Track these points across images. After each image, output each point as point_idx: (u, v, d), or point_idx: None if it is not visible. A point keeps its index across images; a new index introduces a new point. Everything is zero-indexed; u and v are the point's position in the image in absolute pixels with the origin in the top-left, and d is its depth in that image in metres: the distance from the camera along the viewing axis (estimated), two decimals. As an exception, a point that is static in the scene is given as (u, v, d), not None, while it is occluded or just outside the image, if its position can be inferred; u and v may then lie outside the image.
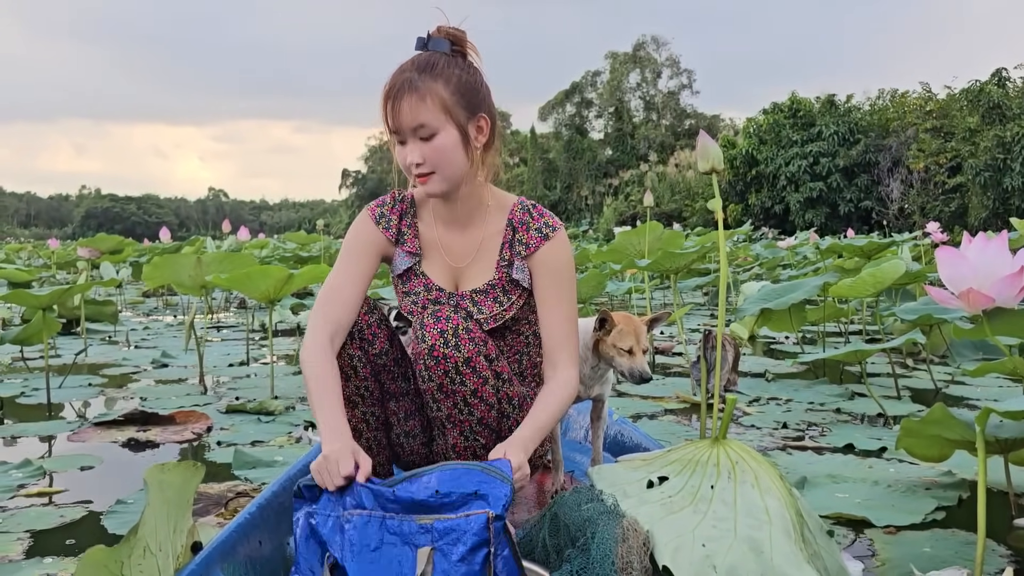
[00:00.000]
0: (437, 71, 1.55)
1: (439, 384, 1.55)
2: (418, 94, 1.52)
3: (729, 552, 1.22)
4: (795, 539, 1.28)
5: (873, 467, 2.46)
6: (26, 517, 2.11)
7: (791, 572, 1.19)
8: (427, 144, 1.54)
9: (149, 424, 3.16)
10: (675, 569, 1.20)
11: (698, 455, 1.47)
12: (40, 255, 17.46)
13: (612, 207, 38.07)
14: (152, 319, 8.14)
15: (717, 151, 1.67)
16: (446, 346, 1.53)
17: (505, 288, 1.68)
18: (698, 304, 9.13)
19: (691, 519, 1.30)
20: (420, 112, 1.52)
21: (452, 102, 1.54)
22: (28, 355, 5.09)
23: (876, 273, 3.69)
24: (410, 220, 1.73)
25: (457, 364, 1.54)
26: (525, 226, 1.67)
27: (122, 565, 1.21)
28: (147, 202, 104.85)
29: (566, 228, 2.32)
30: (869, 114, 29.41)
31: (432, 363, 1.53)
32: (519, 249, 1.67)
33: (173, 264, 4.08)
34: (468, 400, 1.57)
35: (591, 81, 50.90)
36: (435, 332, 1.53)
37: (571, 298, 1.68)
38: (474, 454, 1.61)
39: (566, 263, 1.68)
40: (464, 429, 1.59)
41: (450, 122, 1.55)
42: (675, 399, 3.64)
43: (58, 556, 1.85)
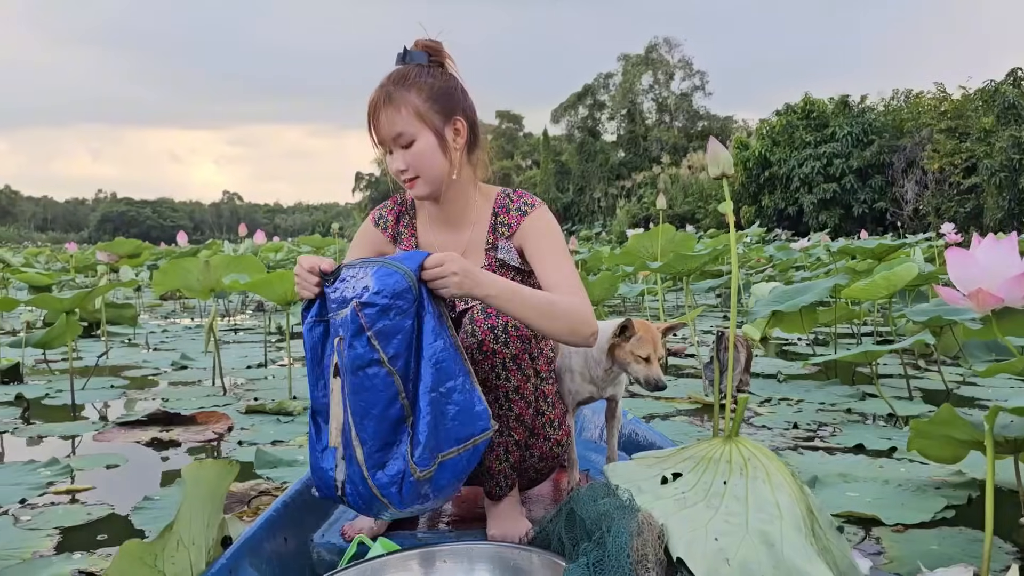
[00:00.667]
0: (410, 82, 1.61)
1: (483, 379, 1.60)
2: (393, 105, 1.59)
3: (741, 545, 1.25)
4: (806, 533, 1.31)
5: (884, 467, 2.49)
6: (55, 514, 2.17)
7: (802, 564, 1.23)
8: (408, 151, 1.61)
9: (172, 424, 3.22)
10: (689, 561, 1.23)
11: (711, 452, 1.51)
12: (59, 259, 17.64)
13: (625, 209, 38.05)
14: (170, 322, 8.24)
15: (727, 156, 1.70)
16: (496, 342, 1.60)
17: (498, 270, 1.72)
18: (711, 306, 9.14)
19: (704, 514, 1.34)
20: (396, 121, 1.59)
21: (425, 108, 1.60)
22: (51, 358, 5.18)
23: (889, 275, 3.71)
24: (408, 221, 1.81)
25: (505, 360, 1.61)
26: (505, 208, 1.73)
27: (156, 557, 1.27)
28: (162, 206, 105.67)
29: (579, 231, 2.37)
30: (883, 115, 29.30)
31: (480, 358, 1.60)
32: (502, 231, 1.72)
33: (181, 269, 4.15)
34: (510, 396, 1.63)
35: (603, 83, 50.92)
36: (486, 327, 1.60)
37: (567, 255, 1.70)
38: (506, 449, 1.67)
39: (552, 228, 1.71)
40: (501, 424, 1.65)
41: (425, 128, 1.61)
42: (688, 400, 3.67)
43: (87, 552, 1.91)
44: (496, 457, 1.67)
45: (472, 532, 1.79)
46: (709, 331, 6.61)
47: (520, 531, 1.65)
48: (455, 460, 1.42)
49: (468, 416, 1.44)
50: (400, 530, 1.79)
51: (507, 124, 74.23)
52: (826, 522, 1.46)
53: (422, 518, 1.91)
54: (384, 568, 1.40)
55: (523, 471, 1.76)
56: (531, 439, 1.71)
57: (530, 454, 1.73)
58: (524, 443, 1.69)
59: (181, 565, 1.29)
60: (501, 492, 1.72)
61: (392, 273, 1.41)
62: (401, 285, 1.40)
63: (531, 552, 1.41)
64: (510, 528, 1.68)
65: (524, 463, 1.74)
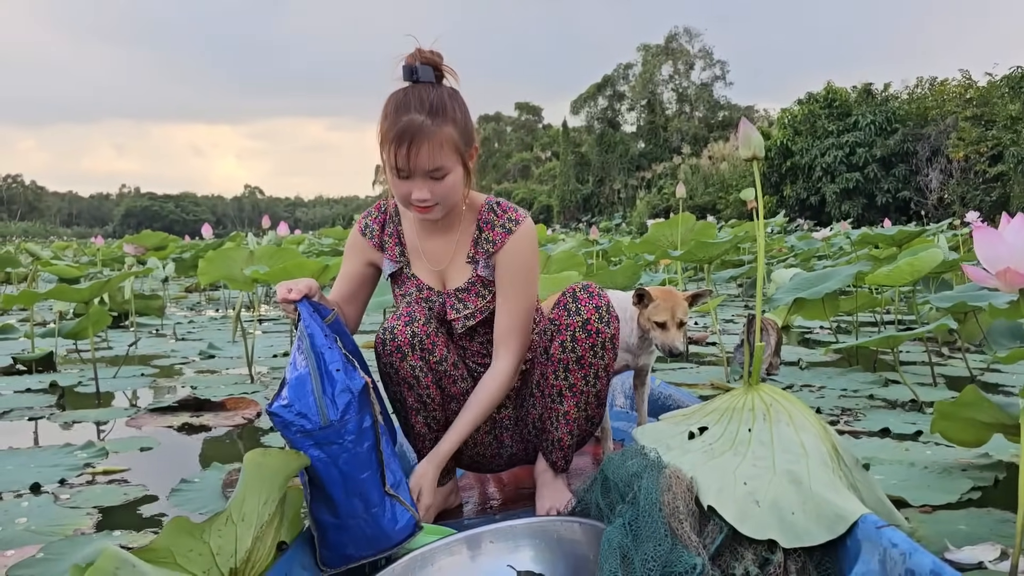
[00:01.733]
0: (447, 114, 1.59)
1: (579, 356, 1.67)
2: (435, 140, 1.56)
3: (770, 486, 1.28)
4: (833, 468, 1.33)
5: (909, 450, 2.50)
6: (93, 494, 2.23)
7: (831, 497, 1.25)
8: (438, 183, 1.61)
9: (202, 410, 3.28)
10: (720, 508, 1.26)
11: (734, 403, 1.54)
12: (85, 252, 17.88)
13: (645, 200, 37.90)
14: (195, 313, 8.34)
15: (759, 138, 1.72)
16: (600, 321, 1.66)
17: (484, 283, 1.78)
18: (732, 295, 9.13)
19: (732, 461, 1.37)
20: (437, 156, 1.58)
21: (459, 142, 1.61)
22: (82, 348, 5.28)
23: (914, 261, 3.69)
24: (392, 229, 1.84)
25: (604, 340, 1.67)
26: (490, 224, 1.76)
27: (203, 531, 1.31)
28: (185, 200, 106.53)
29: (598, 222, 2.41)
30: (907, 103, 28.95)
31: (583, 335, 1.66)
32: (487, 247, 1.75)
33: (226, 259, 4.21)
34: (599, 374, 1.70)
35: (623, 74, 50.69)
36: (591, 307, 1.66)
37: (525, 292, 1.76)
38: (579, 424, 1.74)
39: (526, 258, 1.76)
40: (580, 400, 1.71)
41: (458, 162, 1.63)
42: (710, 386, 3.68)
43: (126, 530, 1.96)
44: (569, 432, 1.74)
45: (517, 513, 1.83)
46: (731, 320, 6.61)
47: (565, 500, 1.71)
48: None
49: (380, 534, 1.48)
50: (447, 519, 1.83)
51: (526, 116, 74.20)
52: (851, 460, 1.47)
53: (467, 505, 1.95)
54: (433, 556, 1.43)
55: (582, 441, 1.85)
56: (597, 410, 1.79)
57: (592, 424, 1.81)
58: (592, 416, 1.78)
59: (227, 538, 1.32)
60: (566, 466, 1.80)
61: (307, 395, 1.45)
62: (309, 411, 1.44)
63: (574, 521, 1.44)
64: (557, 499, 1.75)
65: (586, 433, 1.82)
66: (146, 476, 2.42)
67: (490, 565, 1.43)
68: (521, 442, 1.88)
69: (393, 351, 1.70)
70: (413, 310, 1.73)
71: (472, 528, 1.50)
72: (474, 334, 1.82)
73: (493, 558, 1.44)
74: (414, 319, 1.71)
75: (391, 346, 1.70)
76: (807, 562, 1.20)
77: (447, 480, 1.87)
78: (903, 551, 1.08)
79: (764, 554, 1.20)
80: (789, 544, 1.20)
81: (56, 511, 2.08)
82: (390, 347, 1.70)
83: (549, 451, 1.78)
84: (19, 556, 1.78)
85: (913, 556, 1.07)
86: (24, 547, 1.83)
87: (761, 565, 1.18)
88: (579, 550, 1.41)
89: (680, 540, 1.19)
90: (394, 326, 1.70)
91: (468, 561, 1.45)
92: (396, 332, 1.70)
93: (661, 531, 1.18)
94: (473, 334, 1.82)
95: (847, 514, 1.21)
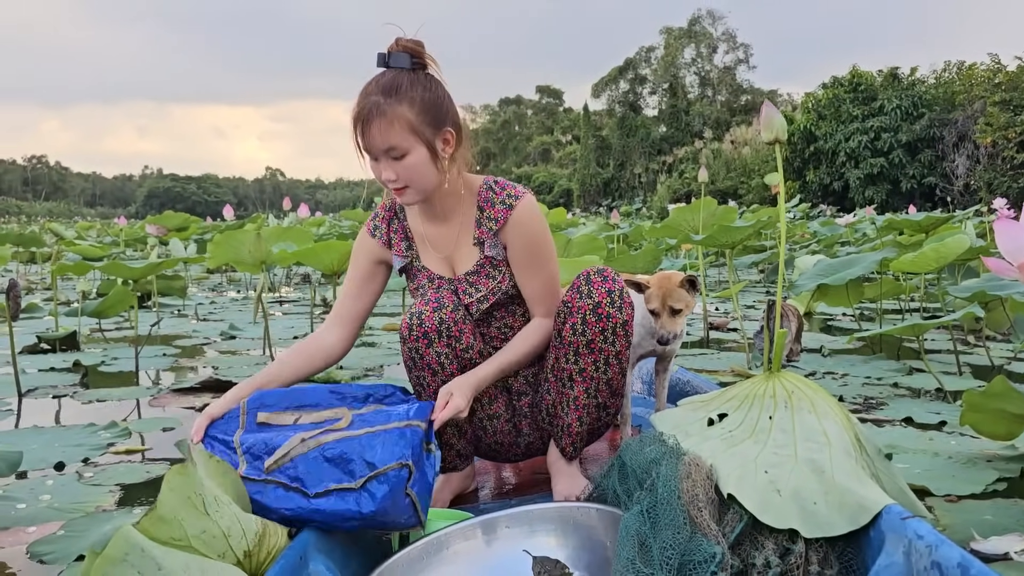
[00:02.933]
0: (401, 93, 1.58)
1: (589, 340, 1.65)
2: (386, 119, 1.57)
3: (791, 475, 1.25)
4: (856, 458, 1.30)
5: (933, 439, 2.47)
6: (116, 472, 2.26)
7: (854, 487, 1.22)
8: (399, 163, 1.61)
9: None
10: (740, 496, 1.24)
11: (754, 389, 1.51)
12: (108, 233, 18.05)
13: (666, 185, 37.69)
14: (217, 294, 8.40)
15: (781, 121, 1.68)
16: (611, 306, 1.64)
17: (493, 263, 1.76)
18: (754, 281, 9.06)
19: (752, 449, 1.34)
20: (389, 136, 1.59)
21: (418, 122, 1.60)
22: (105, 327, 5.33)
23: (939, 248, 3.64)
24: (397, 225, 1.85)
25: (616, 325, 1.65)
26: (490, 202, 1.74)
27: (204, 503, 1.28)
28: (206, 182, 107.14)
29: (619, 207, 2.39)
30: (934, 87, 28.51)
31: (593, 319, 1.64)
32: (490, 226, 1.74)
33: (234, 241, 4.23)
34: (609, 360, 1.68)
35: (645, 57, 50.29)
36: (603, 291, 1.64)
37: (544, 261, 1.76)
38: (588, 412, 1.73)
39: (535, 229, 1.74)
40: (590, 386, 1.70)
41: (418, 141, 1.61)
42: (731, 373, 3.66)
43: (147, 507, 1.97)
44: (579, 418, 1.73)
45: (532, 497, 1.82)
46: (752, 306, 6.56)
47: (579, 487, 1.69)
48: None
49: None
50: (463, 503, 1.83)
51: (547, 99, 73.80)
52: (874, 450, 1.44)
53: (482, 490, 1.95)
54: (449, 540, 1.42)
55: (595, 430, 1.83)
56: (611, 399, 1.77)
57: (606, 412, 1.79)
58: (604, 403, 1.75)
59: (229, 519, 1.32)
60: (575, 453, 1.79)
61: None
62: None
63: (589, 507, 1.43)
64: (573, 486, 1.73)
65: (599, 421, 1.80)
66: (168, 455, 2.44)
67: (506, 550, 1.42)
68: (538, 431, 1.86)
69: (420, 336, 1.68)
70: (441, 295, 1.71)
71: (488, 513, 1.49)
72: (491, 319, 1.81)
73: (509, 543, 1.43)
74: (442, 305, 1.69)
75: (418, 331, 1.68)
76: (829, 553, 1.18)
77: (464, 465, 1.86)
78: (929, 543, 1.06)
79: (785, 544, 1.18)
80: (810, 534, 1.18)
81: (79, 489, 2.11)
82: (416, 332, 1.68)
83: (559, 437, 1.77)
84: (40, 533, 1.80)
85: (940, 548, 1.04)
86: (46, 524, 1.85)
87: (782, 555, 1.16)
88: (595, 536, 1.40)
89: (699, 528, 1.17)
90: (422, 311, 1.68)
91: (483, 546, 1.44)
92: (424, 318, 1.68)
93: (680, 519, 1.16)
94: (490, 319, 1.81)
95: (871, 504, 1.19)
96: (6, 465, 1.87)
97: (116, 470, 2.28)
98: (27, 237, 9.17)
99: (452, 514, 1.61)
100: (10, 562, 1.66)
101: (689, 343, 4.62)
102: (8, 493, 2.07)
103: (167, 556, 1.23)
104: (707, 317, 5.04)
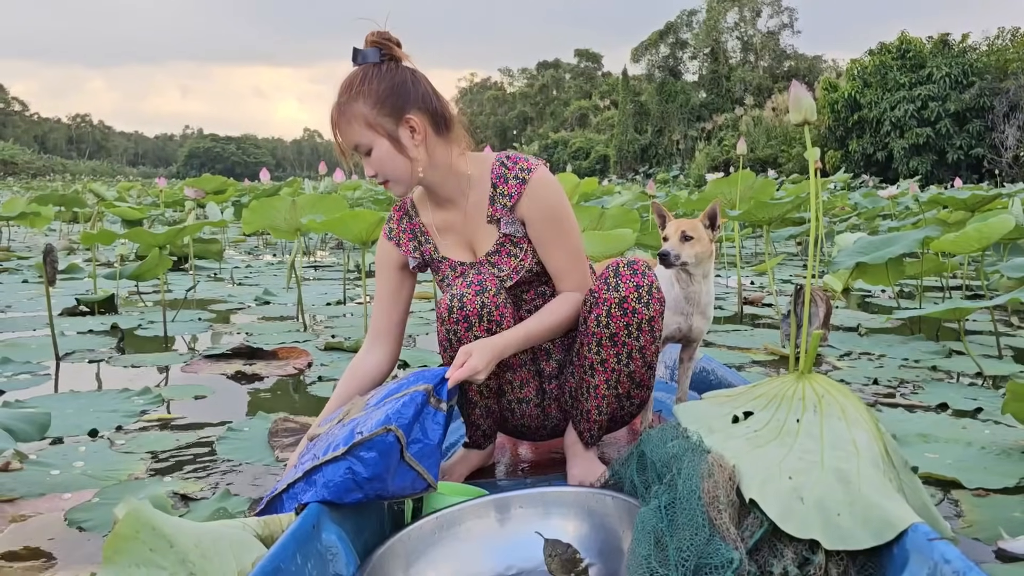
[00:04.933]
0: (355, 90, 1.61)
1: (613, 333, 1.63)
2: (344, 119, 1.62)
3: (817, 483, 1.22)
4: (884, 470, 1.27)
5: (967, 428, 2.41)
6: (147, 440, 2.30)
7: (881, 501, 1.19)
8: (369, 159, 1.65)
9: (255, 359, 3.35)
10: (762, 502, 1.21)
11: (783, 389, 1.47)
12: (149, 194, 18.31)
13: (704, 152, 37.14)
14: (253, 258, 8.49)
15: (810, 102, 1.63)
16: (638, 301, 1.61)
17: (513, 240, 1.73)
18: (791, 254, 8.92)
19: (777, 452, 1.31)
20: (349, 135, 1.64)
21: (373, 116, 1.61)
22: (143, 290, 5.42)
23: (982, 228, 3.54)
24: (407, 222, 1.84)
25: (641, 321, 1.62)
26: (503, 178, 1.72)
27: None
28: (246, 142, 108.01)
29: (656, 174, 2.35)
30: (986, 55, 27.60)
31: (619, 313, 1.61)
32: (504, 202, 1.71)
33: (269, 208, 4.25)
34: (632, 354, 1.66)
35: (687, 21, 49.30)
36: (631, 285, 1.61)
37: (565, 234, 1.73)
38: (608, 402, 1.72)
39: (553, 202, 1.71)
40: (611, 377, 1.68)
41: (377, 135, 1.62)
42: (764, 351, 3.61)
43: (177, 475, 2.01)
44: (598, 407, 1.72)
45: (548, 478, 1.82)
46: (788, 280, 6.46)
47: (596, 474, 1.68)
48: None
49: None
50: (478, 478, 1.83)
51: (585, 63, 72.89)
52: (900, 462, 1.41)
53: (499, 466, 1.95)
54: (461, 517, 1.43)
55: (618, 419, 1.81)
56: (634, 390, 1.75)
57: (630, 403, 1.78)
58: (627, 394, 1.74)
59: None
60: (593, 440, 1.77)
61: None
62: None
63: (605, 495, 1.42)
64: (588, 472, 1.72)
65: (621, 411, 1.79)
66: (198, 423, 2.48)
67: (517, 530, 1.42)
68: (564, 413, 1.86)
69: (460, 320, 1.65)
70: (484, 278, 1.68)
71: (503, 491, 1.49)
72: (520, 301, 1.79)
73: (521, 524, 1.43)
74: (485, 289, 1.66)
75: (458, 315, 1.65)
76: (849, 566, 1.15)
77: (488, 444, 1.87)
78: (956, 569, 1.02)
79: (805, 553, 1.15)
80: (832, 546, 1.15)
81: (111, 456, 2.15)
82: (457, 315, 1.65)
83: (578, 421, 1.76)
84: (76, 500, 1.84)
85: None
86: (81, 491, 1.90)
87: (800, 565, 1.14)
88: (609, 524, 1.39)
89: (718, 531, 1.15)
90: (463, 294, 1.65)
91: (496, 524, 1.45)
92: (465, 301, 1.65)
93: (699, 519, 1.14)
94: (519, 301, 1.79)
95: (896, 521, 1.15)
96: (35, 428, 1.90)
97: (147, 438, 2.32)
98: (69, 198, 9.32)
99: (467, 490, 1.62)
100: (50, 529, 1.70)
101: (722, 318, 4.57)
102: (42, 458, 2.12)
103: (178, 534, 1.25)
104: (741, 291, 4.97)
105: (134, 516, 1.18)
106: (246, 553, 1.25)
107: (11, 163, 63.33)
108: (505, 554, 1.40)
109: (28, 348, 3.54)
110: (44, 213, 8.41)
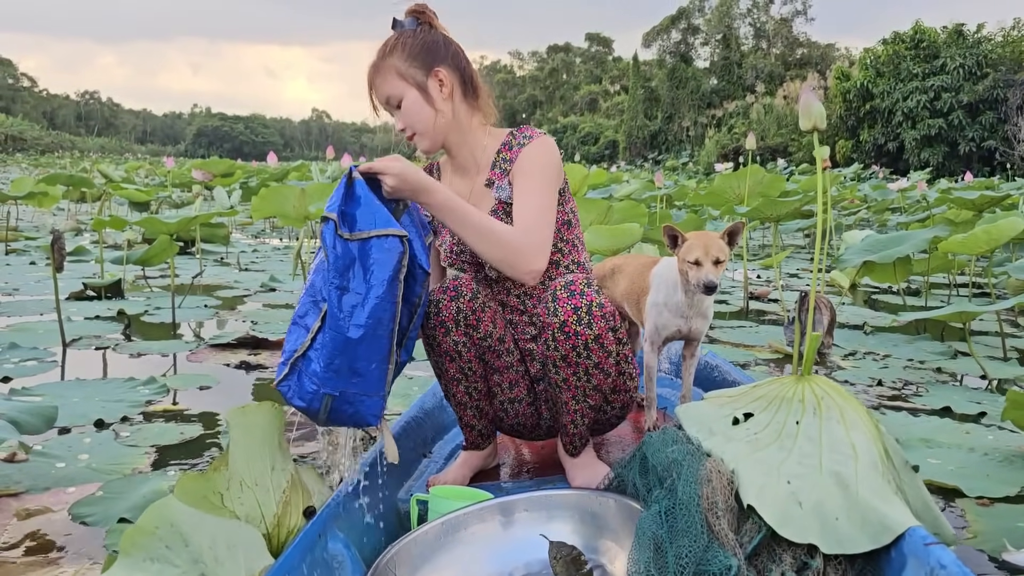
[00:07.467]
0: (389, 48, 1.69)
1: (563, 355, 1.61)
2: (380, 74, 1.69)
3: (815, 488, 1.23)
4: (883, 472, 1.27)
5: (970, 432, 2.41)
6: (151, 432, 2.31)
7: (878, 505, 1.20)
8: (400, 111, 1.69)
9: (259, 348, 3.36)
10: (760, 508, 1.22)
11: (783, 391, 1.48)
12: (157, 174, 18.32)
13: (714, 139, 36.91)
14: (260, 242, 8.50)
15: (820, 109, 1.63)
16: (579, 323, 1.58)
17: (507, 208, 1.72)
18: (799, 247, 8.89)
19: (776, 456, 1.32)
20: (383, 87, 1.69)
21: (405, 67, 1.67)
22: (150, 274, 5.43)
23: (991, 229, 3.52)
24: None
25: (587, 341, 1.59)
26: (508, 146, 1.74)
27: (222, 497, 1.33)
28: (254, 122, 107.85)
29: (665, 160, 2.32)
30: (1001, 46, 27.26)
31: (562, 337, 1.59)
32: (504, 167, 1.73)
33: (278, 196, 4.25)
34: (590, 371, 1.64)
35: (699, 6, 48.91)
36: (568, 308, 1.58)
37: (542, 188, 1.66)
38: (582, 414, 1.71)
39: (540, 159, 1.70)
40: (577, 394, 1.67)
41: (408, 84, 1.67)
42: (768, 349, 3.61)
43: (181, 469, 2.03)
44: (572, 421, 1.71)
45: (552, 480, 1.83)
46: (795, 274, 6.44)
47: (598, 476, 1.68)
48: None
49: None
50: (482, 480, 1.84)
51: (596, 47, 72.48)
52: (900, 462, 1.41)
53: (503, 467, 1.96)
54: (466, 521, 1.43)
55: (602, 423, 1.82)
56: (610, 395, 1.76)
57: (610, 407, 1.79)
58: (599, 406, 1.74)
59: (249, 504, 1.35)
60: (576, 450, 1.78)
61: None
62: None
63: (608, 497, 1.43)
64: (589, 476, 1.73)
65: (603, 417, 1.80)
66: (202, 414, 2.49)
67: (522, 533, 1.43)
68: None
69: (436, 325, 1.67)
70: (460, 283, 1.69)
71: (508, 493, 1.50)
72: (509, 286, 1.79)
73: (526, 527, 1.44)
74: (460, 294, 1.67)
75: (435, 320, 1.67)
76: (848, 570, 1.16)
77: (486, 444, 1.87)
78: (952, 575, 1.03)
79: (803, 558, 1.16)
80: (830, 550, 1.16)
81: (116, 449, 2.16)
82: (433, 321, 1.67)
83: (561, 434, 1.77)
84: (80, 493, 1.86)
85: None
86: (85, 484, 1.91)
87: (799, 569, 1.15)
88: (612, 526, 1.40)
89: (716, 537, 1.16)
90: (439, 300, 1.67)
91: (500, 528, 1.45)
92: (441, 307, 1.66)
93: (698, 526, 1.15)
94: (508, 286, 1.79)
95: (893, 524, 1.16)
96: (42, 421, 1.91)
97: (151, 430, 2.33)
98: (77, 179, 9.33)
99: (471, 493, 1.62)
100: (55, 524, 1.71)
101: (727, 313, 4.56)
102: (48, 449, 2.13)
103: (195, 533, 1.26)
104: (747, 285, 4.96)
105: (156, 511, 1.20)
106: (256, 560, 1.26)
107: (20, 139, 63.49)
108: (510, 557, 1.41)
109: (35, 333, 3.56)
110: (52, 193, 8.42)
